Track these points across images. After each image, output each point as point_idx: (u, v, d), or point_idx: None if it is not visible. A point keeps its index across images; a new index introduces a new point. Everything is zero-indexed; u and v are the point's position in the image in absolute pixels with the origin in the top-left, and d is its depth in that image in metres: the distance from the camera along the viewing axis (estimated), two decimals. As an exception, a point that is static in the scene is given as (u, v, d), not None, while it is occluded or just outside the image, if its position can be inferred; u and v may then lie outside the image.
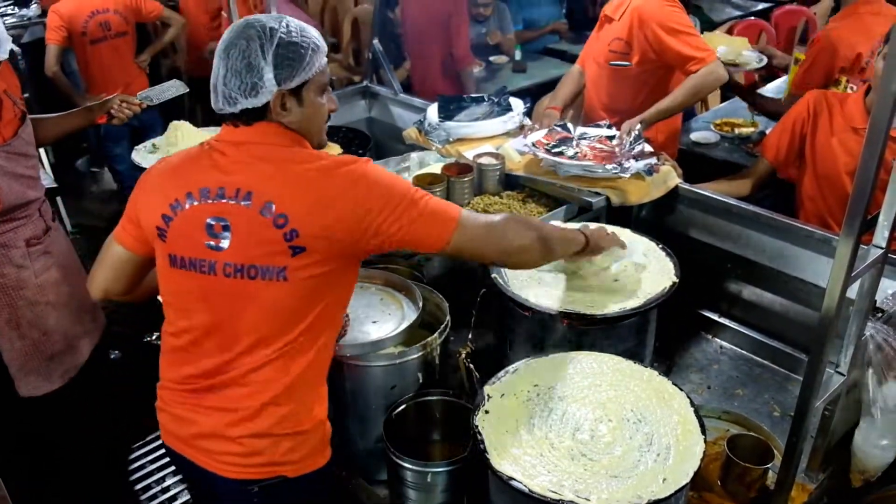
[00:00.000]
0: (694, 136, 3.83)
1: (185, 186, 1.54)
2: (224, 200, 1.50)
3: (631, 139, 2.48)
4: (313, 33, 1.56)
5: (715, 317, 2.39)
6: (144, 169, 1.71)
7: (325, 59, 1.58)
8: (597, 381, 1.67)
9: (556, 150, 2.49)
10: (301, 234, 1.46)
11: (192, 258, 1.54)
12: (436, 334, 1.90)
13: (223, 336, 1.56)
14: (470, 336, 2.01)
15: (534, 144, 2.53)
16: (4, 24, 2.53)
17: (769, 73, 4.45)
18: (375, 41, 3.65)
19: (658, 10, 2.84)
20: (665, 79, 2.98)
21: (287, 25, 1.52)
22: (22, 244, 2.33)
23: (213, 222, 1.50)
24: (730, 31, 5.65)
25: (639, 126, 2.56)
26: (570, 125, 2.62)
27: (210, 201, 1.51)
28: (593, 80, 3.13)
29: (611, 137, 2.57)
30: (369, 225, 1.47)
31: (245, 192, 1.48)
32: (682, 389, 1.63)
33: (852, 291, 1.47)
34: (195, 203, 1.52)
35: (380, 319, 1.96)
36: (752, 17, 6.27)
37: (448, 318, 1.96)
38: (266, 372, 1.55)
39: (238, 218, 1.49)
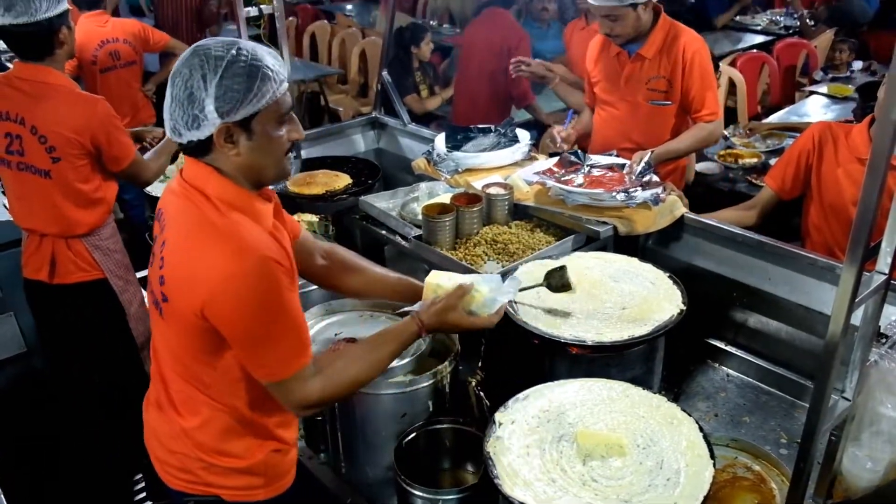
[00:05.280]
0: (698, 167, 3.88)
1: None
2: (159, 223, 1.59)
3: (640, 168, 2.52)
4: (268, 61, 1.45)
5: (721, 345, 2.41)
6: (152, 197, 1.76)
7: (283, 87, 1.47)
8: (606, 408, 1.69)
9: (566, 178, 2.53)
10: (167, 284, 1.49)
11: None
12: (446, 363, 1.92)
13: (153, 346, 1.68)
14: (479, 364, 2.03)
15: (544, 173, 2.58)
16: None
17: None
18: (384, 72, 3.71)
19: (706, 54, 2.93)
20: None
21: (237, 52, 1.42)
22: None
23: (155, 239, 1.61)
24: (732, 64, 5.74)
25: (649, 155, 2.59)
26: (580, 153, 2.67)
27: (158, 222, 1.60)
28: (620, 119, 3.08)
29: (621, 166, 2.61)
30: (206, 315, 1.44)
31: (164, 221, 1.56)
32: (690, 415, 1.65)
33: (856, 318, 1.49)
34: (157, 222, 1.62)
35: (390, 347, 1.98)
36: (755, 51, 6.36)
37: (458, 346, 1.99)
38: (183, 404, 1.63)
39: (157, 242, 1.58)
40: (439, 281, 1.75)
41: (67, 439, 3.01)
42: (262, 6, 3.11)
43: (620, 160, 2.66)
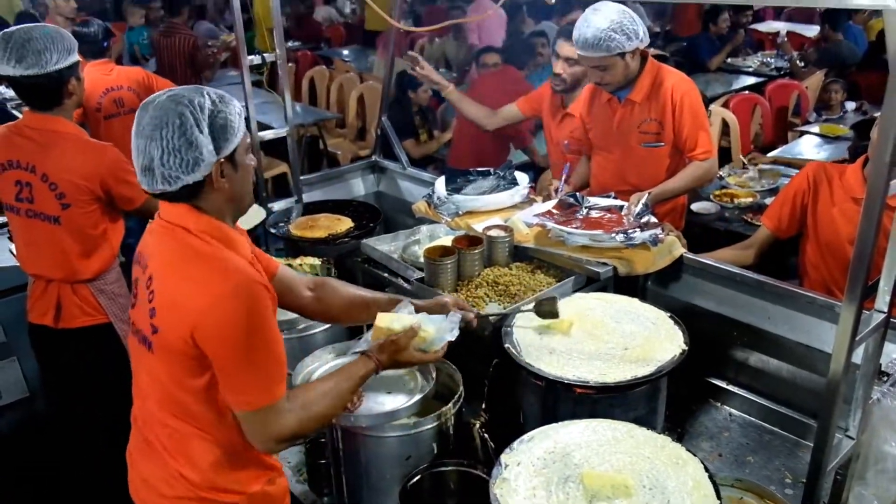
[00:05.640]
0: (694, 207, 3.92)
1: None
2: (140, 265, 1.65)
3: (638, 210, 2.56)
4: (232, 98, 1.60)
5: (723, 384, 2.41)
6: None
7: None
8: (612, 448, 1.69)
9: (565, 220, 2.57)
10: (157, 315, 1.55)
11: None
12: (450, 404, 1.92)
13: (137, 388, 1.72)
14: (483, 406, 2.04)
15: (543, 215, 2.61)
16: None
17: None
18: (384, 117, 3.77)
19: (695, 95, 2.99)
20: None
21: (209, 95, 1.55)
22: None
23: (137, 281, 1.66)
24: (725, 105, 5.83)
25: (647, 197, 2.63)
26: (578, 196, 2.71)
27: (137, 264, 1.67)
28: (616, 163, 3.14)
29: (619, 208, 2.64)
30: (195, 339, 1.50)
31: (146, 260, 1.63)
32: (695, 455, 1.66)
33: (857, 356, 1.51)
34: (134, 264, 1.69)
35: (394, 390, 1.99)
36: (747, 92, 6.47)
37: (461, 388, 1.99)
38: (174, 443, 1.65)
39: (141, 283, 1.63)
40: (390, 325, 1.83)
41: (69, 472, 3.00)
42: (264, 54, 3.18)
43: (618, 202, 2.70)
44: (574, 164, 3.37)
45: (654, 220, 2.55)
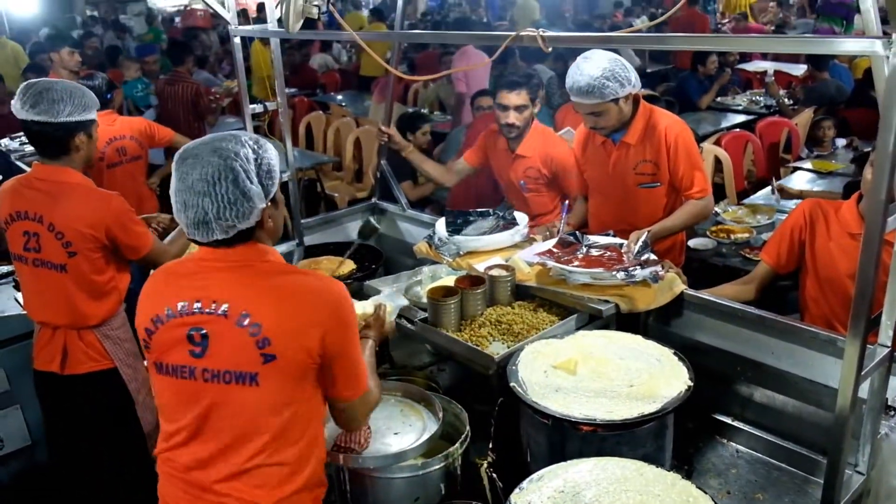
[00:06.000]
0: (691, 243, 3.95)
1: (165, 302, 1.66)
2: (202, 313, 1.61)
3: (638, 248, 2.59)
4: (266, 141, 1.68)
5: (729, 420, 2.40)
6: None
7: None
8: (622, 487, 1.69)
9: (565, 258, 2.59)
10: (273, 343, 1.58)
11: (174, 364, 1.64)
12: (457, 444, 1.93)
13: (198, 432, 1.66)
14: (490, 445, 2.03)
15: (544, 253, 2.63)
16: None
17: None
18: (384, 160, 3.81)
19: (688, 136, 3.04)
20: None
21: (248, 142, 1.62)
22: None
23: (193, 332, 1.62)
24: (717, 143, 5.91)
25: (646, 235, 2.66)
26: (578, 234, 2.74)
27: (188, 314, 1.62)
28: (614, 203, 3.17)
29: (619, 246, 2.67)
30: (324, 347, 1.62)
31: (222, 304, 1.60)
32: (706, 492, 1.65)
33: (863, 391, 1.52)
34: (174, 317, 1.63)
35: (401, 431, 1.99)
36: (738, 130, 6.56)
37: (468, 428, 2.00)
38: (239, 484, 1.63)
39: (215, 326, 1.60)
40: (364, 310, 2.17)
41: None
42: (266, 102, 3.23)
43: (618, 240, 2.73)
44: (572, 204, 3.41)
45: (653, 257, 2.57)
